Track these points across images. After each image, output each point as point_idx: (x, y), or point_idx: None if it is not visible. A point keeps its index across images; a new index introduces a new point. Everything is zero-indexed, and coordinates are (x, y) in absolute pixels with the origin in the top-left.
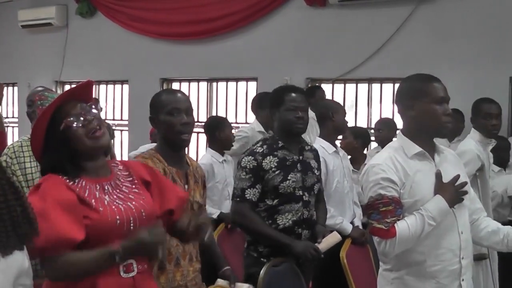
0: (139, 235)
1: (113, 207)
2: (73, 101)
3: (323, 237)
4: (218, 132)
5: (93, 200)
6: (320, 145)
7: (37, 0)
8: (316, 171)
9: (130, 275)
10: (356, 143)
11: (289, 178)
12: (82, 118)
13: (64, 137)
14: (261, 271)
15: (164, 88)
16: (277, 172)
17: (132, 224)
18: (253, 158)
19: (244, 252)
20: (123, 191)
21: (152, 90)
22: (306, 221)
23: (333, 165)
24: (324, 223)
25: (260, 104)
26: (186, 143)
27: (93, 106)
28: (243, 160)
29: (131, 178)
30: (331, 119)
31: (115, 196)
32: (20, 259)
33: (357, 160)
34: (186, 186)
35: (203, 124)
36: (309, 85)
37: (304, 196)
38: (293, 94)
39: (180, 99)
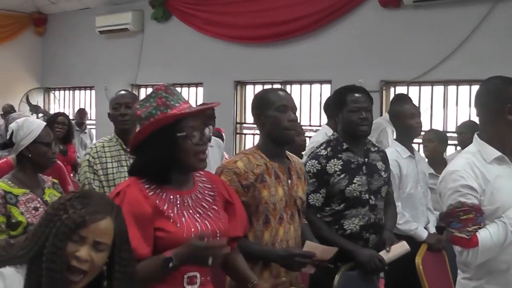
0: (192, 243)
1: (191, 224)
2: (199, 117)
3: (391, 246)
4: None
5: (172, 214)
6: (395, 148)
7: (113, 7)
8: (383, 173)
9: (193, 287)
10: (440, 147)
11: (354, 181)
12: (200, 137)
13: (174, 144)
14: (336, 276)
15: (238, 91)
16: (342, 176)
17: None
18: (316, 161)
19: None
20: (203, 207)
21: (226, 92)
22: (373, 226)
23: (407, 169)
24: (392, 228)
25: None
26: (292, 139)
27: (210, 129)
28: (307, 164)
29: (213, 193)
30: (404, 123)
31: (195, 211)
32: None
33: (439, 165)
34: (289, 181)
35: None
36: (383, 88)
37: (370, 200)
38: (356, 95)
39: (287, 97)
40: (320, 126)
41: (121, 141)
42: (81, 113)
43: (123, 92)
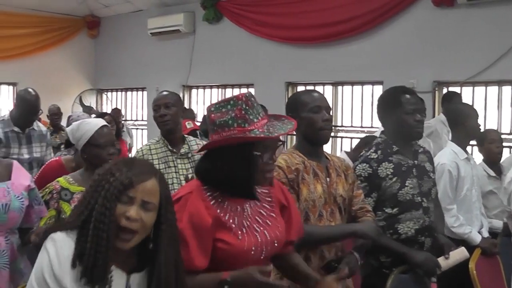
0: (250, 271)
1: (251, 235)
2: (274, 141)
3: (450, 252)
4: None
5: (233, 225)
6: (452, 149)
7: (165, 8)
8: (431, 175)
9: None
10: (500, 149)
11: (406, 184)
12: (270, 156)
13: (247, 160)
14: (389, 278)
15: (289, 92)
16: (394, 179)
17: (264, 252)
18: (367, 165)
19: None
20: (261, 214)
21: (277, 93)
22: (428, 229)
23: (464, 171)
24: (442, 231)
25: None
26: (327, 138)
27: (282, 146)
28: (358, 167)
29: (270, 199)
30: (463, 124)
31: (253, 220)
32: None
33: (498, 167)
34: (327, 179)
35: None
36: (436, 88)
37: (423, 202)
38: (409, 96)
39: (320, 98)
40: (371, 127)
41: (167, 142)
42: (116, 112)
43: (163, 93)
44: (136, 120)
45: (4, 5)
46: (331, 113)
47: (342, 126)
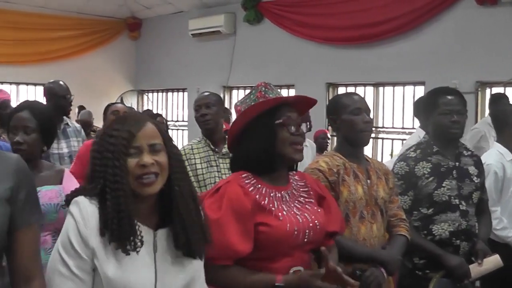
0: (304, 276)
1: (292, 217)
2: (292, 108)
3: (483, 258)
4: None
5: (273, 208)
6: (498, 150)
7: (206, 10)
8: (475, 179)
9: None
10: None
11: (443, 185)
12: (296, 128)
13: (271, 132)
14: (431, 282)
15: (330, 92)
16: (430, 179)
17: (307, 236)
18: (405, 163)
19: None
20: (300, 202)
21: (318, 94)
22: (464, 233)
23: (510, 173)
24: (486, 238)
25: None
26: (367, 141)
27: (307, 125)
28: (396, 166)
29: (306, 189)
30: (509, 125)
31: (292, 205)
32: (191, 271)
33: None
34: (368, 181)
35: None
36: (479, 89)
37: (461, 205)
38: (448, 97)
39: (360, 100)
40: (413, 128)
41: (209, 142)
42: (148, 114)
43: (204, 93)
44: (177, 120)
45: (48, 8)
46: (371, 115)
47: (383, 127)
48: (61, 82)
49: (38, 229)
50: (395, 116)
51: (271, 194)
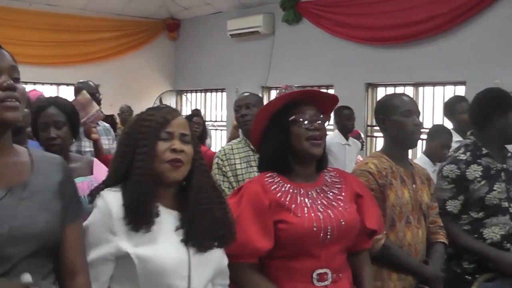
0: None
1: (312, 214)
2: (311, 105)
3: None
4: (432, 140)
5: (293, 205)
6: None
7: (245, 10)
8: None
9: (323, 284)
10: None
11: (494, 188)
12: (311, 122)
13: (287, 129)
14: (472, 287)
15: (369, 93)
16: (482, 183)
17: (329, 233)
18: (456, 166)
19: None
20: (328, 198)
21: (357, 95)
22: None
23: None
24: None
25: (454, 109)
26: (416, 143)
27: (325, 120)
28: (445, 168)
29: (340, 186)
30: None
31: (318, 202)
32: (217, 259)
33: None
34: (413, 186)
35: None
36: None
37: (510, 208)
38: None
39: (411, 102)
40: (452, 129)
41: (249, 142)
42: (196, 113)
43: (244, 94)
44: (216, 121)
45: (88, 10)
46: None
47: (423, 128)
48: (90, 82)
49: (82, 225)
50: (435, 117)
51: (295, 191)
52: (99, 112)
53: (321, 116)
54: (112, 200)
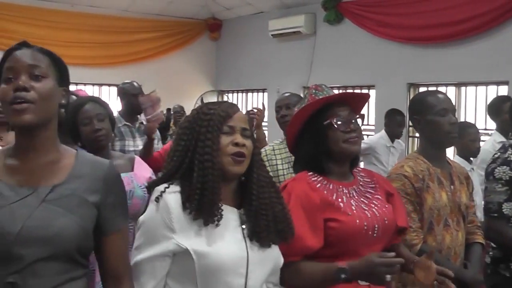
0: (369, 258)
1: (360, 212)
2: (344, 105)
3: None
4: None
5: (341, 204)
6: None
7: (286, 10)
8: None
9: (367, 283)
10: None
11: None
12: (346, 124)
13: (323, 133)
14: None
15: (411, 93)
16: None
17: (376, 231)
18: (508, 168)
19: (488, 269)
20: (367, 197)
21: (399, 95)
22: None
23: None
24: None
25: (498, 109)
26: (453, 143)
27: (360, 120)
28: (496, 170)
29: (373, 185)
30: None
31: (360, 201)
32: (276, 256)
33: None
34: (452, 187)
35: None
36: None
37: None
38: None
39: (446, 99)
40: (495, 130)
41: None
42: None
43: (285, 94)
44: None
45: (130, 11)
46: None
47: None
48: (134, 82)
49: (127, 232)
50: (478, 117)
51: (339, 190)
52: (162, 113)
53: (356, 115)
54: (170, 196)
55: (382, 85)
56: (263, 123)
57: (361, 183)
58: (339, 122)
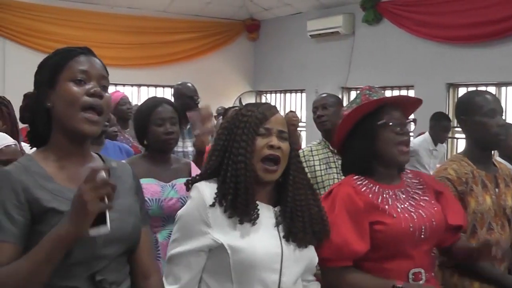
0: (426, 285)
1: (406, 214)
2: (397, 108)
3: None
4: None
5: (386, 206)
6: None
7: (325, 10)
8: None
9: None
10: None
11: None
12: (401, 126)
13: (374, 134)
14: None
15: (450, 93)
16: None
17: (423, 232)
18: None
19: None
20: (414, 198)
21: (437, 95)
22: None
23: None
24: None
25: None
26: (500, 145)
27: (413, 123)
28: None
29: (421, 187)
30: None
31: (407, 203)
32: (311, 255)
33: None
34: (496, 190)
35: None
36: None
37: None
38: None
39: (495, 100)
40: None
41: (328, 144)
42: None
43: (322, 95)
44: None
45: (169, 12)
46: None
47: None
48: (189, 84)
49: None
50: None
51: (384, 193)
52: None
53: (408, 120)
54: (207, 192)
55: (421, 86)
56: (301, 124)
57: (408, 185)
58: (394, 123)
